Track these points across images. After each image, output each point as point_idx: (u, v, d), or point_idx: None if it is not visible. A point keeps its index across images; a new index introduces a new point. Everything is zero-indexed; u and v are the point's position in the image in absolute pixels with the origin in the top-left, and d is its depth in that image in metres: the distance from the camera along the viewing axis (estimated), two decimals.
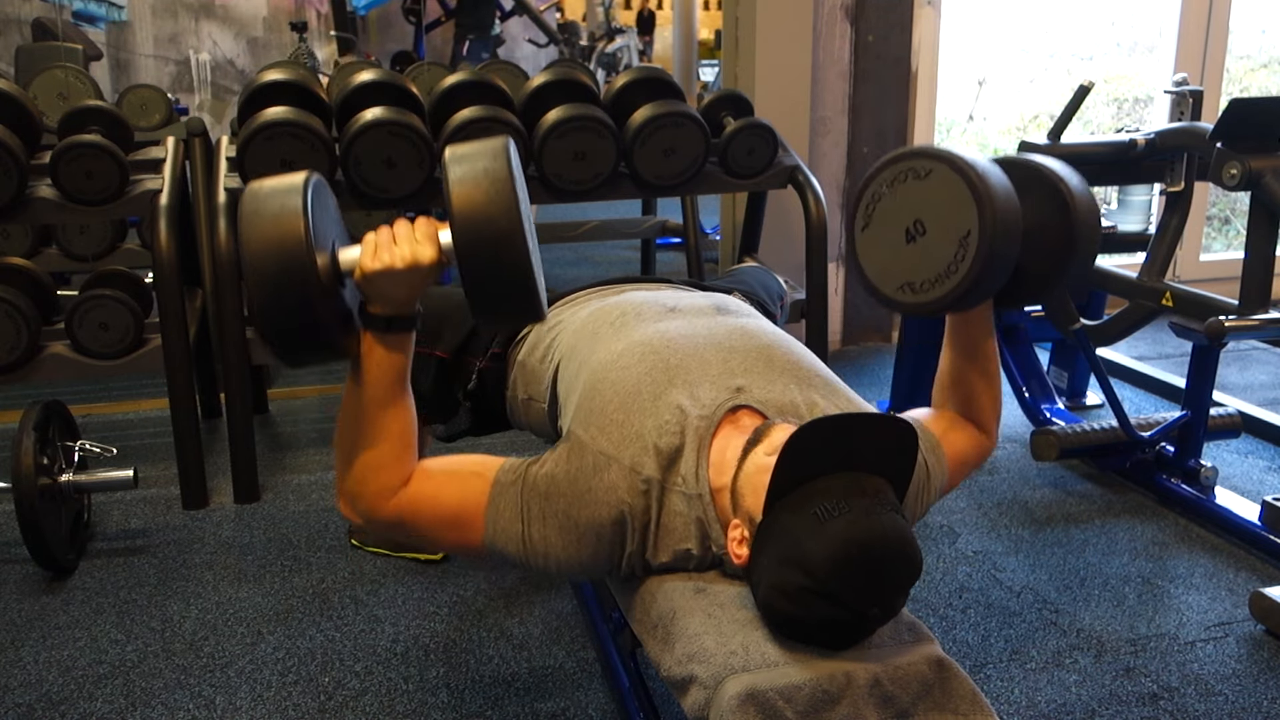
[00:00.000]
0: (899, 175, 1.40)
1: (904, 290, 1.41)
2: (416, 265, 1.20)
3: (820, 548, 1.11)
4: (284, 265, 1.15)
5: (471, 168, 1.18)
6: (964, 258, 1.33)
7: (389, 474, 1.32)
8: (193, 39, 6.41)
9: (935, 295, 1.37)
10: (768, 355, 1.42)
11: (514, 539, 1.30)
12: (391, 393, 1.30)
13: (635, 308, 1.54)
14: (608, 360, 1.42)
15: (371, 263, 1.21)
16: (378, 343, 1.27)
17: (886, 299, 1.43)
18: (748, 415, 1.34)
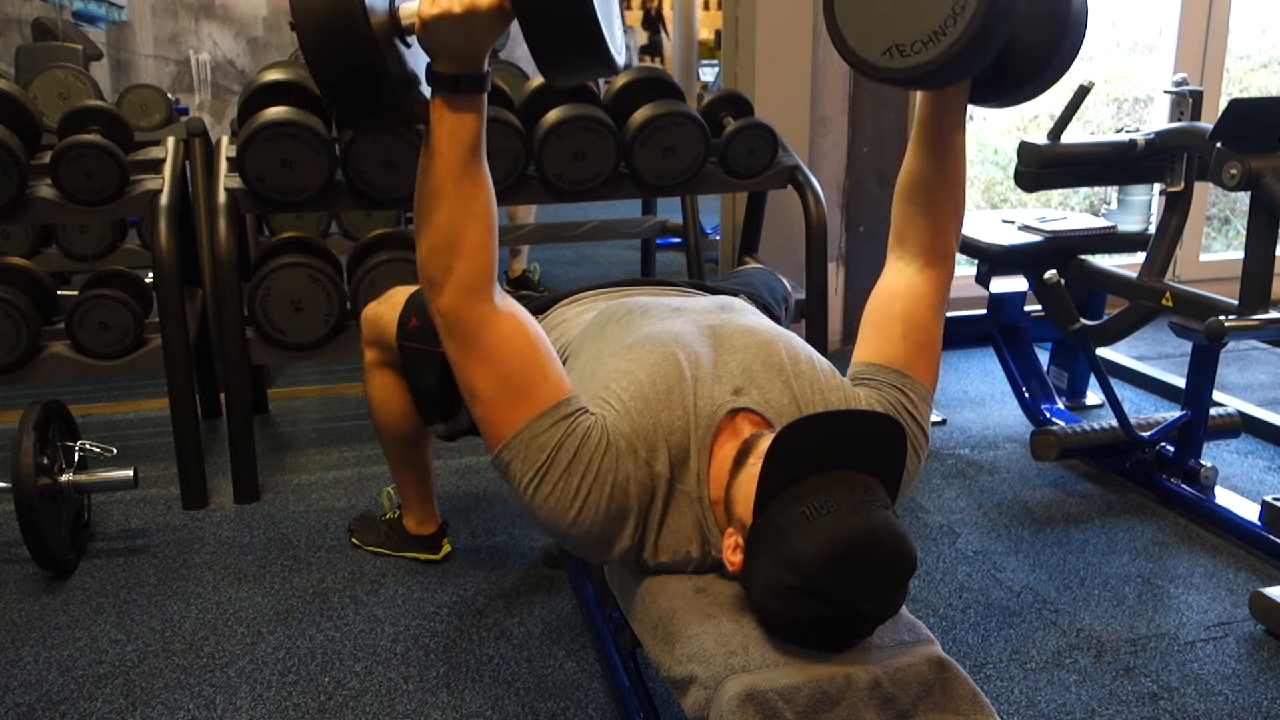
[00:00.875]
0: None
1: (890, 54, 1.26)
2: (475, 8, 1.14)
3: (809, 546, 1.11)
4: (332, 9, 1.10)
5: None
6: (963, 9, 1.19)
7: (473, 261, 1.26)
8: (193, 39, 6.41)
9: (927, 57, 1.23)
10: (766, 354, 1.41)
11: (530, 467, 1.27)
12: (467, 163, 1.25)
13: (641, 307, 1.54)
14: (619, 351, 1.42)
15: (429, 8, 1.15)
16: (447, 106, 1.22)
17: (870, 66, 1.28)
18: (746, 419, 1.34)
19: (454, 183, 1.25)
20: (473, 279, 1.28)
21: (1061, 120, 2.51)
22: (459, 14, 1.15)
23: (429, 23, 1.16)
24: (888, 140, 3.57)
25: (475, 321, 1.29)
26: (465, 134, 1.24)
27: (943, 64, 1.23)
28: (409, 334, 1.85)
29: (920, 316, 1.46)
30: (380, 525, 2.26)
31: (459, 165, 1.25)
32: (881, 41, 1.27)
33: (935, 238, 1.47)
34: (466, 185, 1.26)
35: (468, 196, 1.26)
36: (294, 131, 2.37)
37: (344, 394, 3.20)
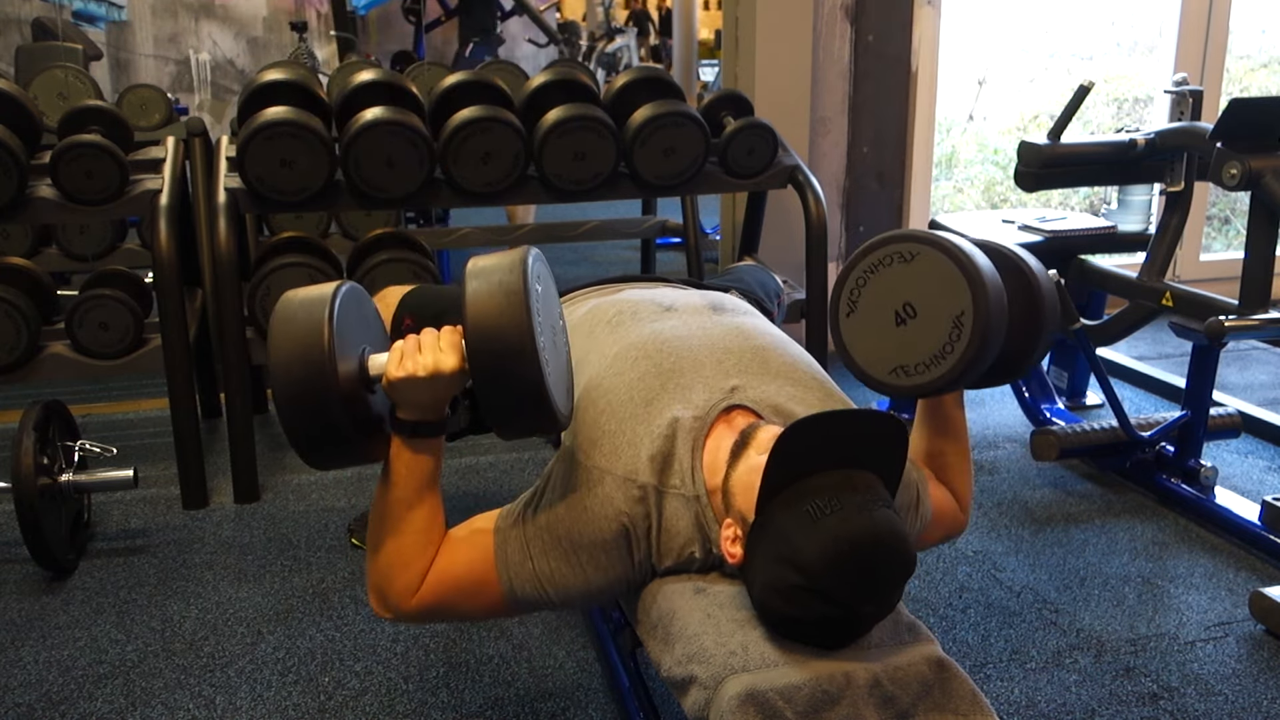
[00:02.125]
0: (884, 259, 1.41)
1: (897, 374, 1.41)
2: (439, 374, 1.23)
3: (812, 545, 1.12)
4: (307, 374, 1.19)
5: (487, 281, 1.21)
6: (959, 338, 1.34)
7: (413, 571, 1.33)
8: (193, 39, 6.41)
9: (931, 377, 1.38)
10: (762, 355, 1.42)
11: (529, 578, 1.31)
12: (419, 494, 1.32)
13: (631, 307, 1.54)
14: (601, 367, 1.43)
15: (396, 371, 1.24)
16: (405, 446, 1.30)
17: (879, 383, 1.44)
18: (741, 415, 1.35)
19: (408, 511, 1.32)
20: (411, 585, 1.34)
21: (1061, 120, 2.52)
22: (423, 378, 1.23)
23: (395, 383, 1.24)
24: (888, 140, 3.57)
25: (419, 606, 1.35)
26: (421, 471, 1.31)
27: (945, 382, 1.38)
28: (403, 334, 1.85)
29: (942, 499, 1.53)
30: None
31: (414, 496, 1.32)
32: (888, 363, 1.42)
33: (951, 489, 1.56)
34: (418, 511, 1.33)
35: (416, 520, 1.33)
36: (294, 131, 2.37)
37: None
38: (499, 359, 1.18)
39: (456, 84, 2.59)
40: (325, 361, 1.19)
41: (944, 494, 1.54)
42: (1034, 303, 1.47)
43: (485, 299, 1.19)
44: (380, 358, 1.28)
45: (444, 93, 2.59)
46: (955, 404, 1.54)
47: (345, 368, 1.23)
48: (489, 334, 1.18)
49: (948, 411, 1.53)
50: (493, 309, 1.19)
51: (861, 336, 1.45)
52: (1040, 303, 1.47)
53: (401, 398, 1.27)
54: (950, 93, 4.07)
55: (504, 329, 1.18)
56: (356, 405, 1.25)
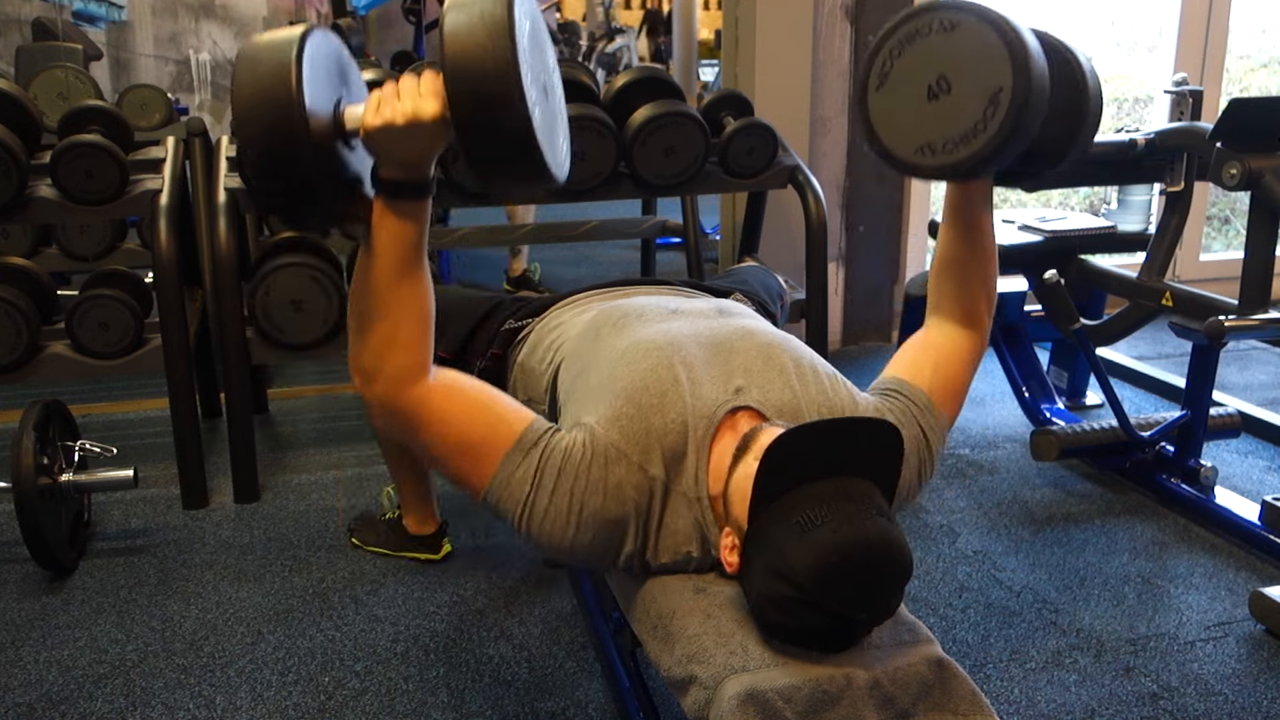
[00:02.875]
0: (922, 28, 1.31)
1: (923, 152, 1.32)
2: (418, 120, 1.14)
3: (804, 558, 1.11)
4: (273, 120, 1.09)
5: (468, 12, 1.09)
6: (994, 115, 1.24)
7: (407, 355, 1.26)
8: (193, 39, 6.41)
9: (960, 156, 1.28)
10: (767, 355, 1.41)
11: (517, 500, 1.26)
12: (406, 266, 1.24)
13: (638, 310, 1.54)
14: (613, 356, 1.41)
15: (373, 118, 1.15)
16: (389, 209, 1.21)
17: (903, 163, 1.35)
18: (746, 416, 1.34)
19: (393, 283, 1.24)
20: (407, 370, 1.27)
21: None
22: (401, 125, 1.14)
23: (372, 132, 1.16)
24: None
25: (411, 405, 1.28)
26: (407, 238, 1.23)
27: (974, 163, 1.28)
28: None
29: (951, 363, 1.50)
30: (380, 525, 2.26)
31: (398, 267, 1.24)
32: (914, 140, 1.33)
33: (969, 308, 1.52)
34: (406, 287, 1.25)
35: (406, 297, 1.25)
36: None
37: (344, 394, 3.20)
38: (480, 95, 1.08)
39: None
40: (293, 104, 1.09)
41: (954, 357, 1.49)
42: (1077, 92, 1.38)
43: (465, 31, 1.08)
44: (357, 108, 1.18)
45: None
46: (982, 204, 1.46)
47: (318, 118, 1.12)
48: (469, 68, 1.08)
49: (976, 211, 1.46)
50: (472, 42, 1.08)
51: (889, 112, 1.35)
52: (1084, 93, 1.38)
53: (381, 151, 1.18)
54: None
55: (484, 61, 1.07)
56: (332, 159, 1.16)
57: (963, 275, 1.51)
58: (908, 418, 1.42)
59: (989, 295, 1.53)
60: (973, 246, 1.49)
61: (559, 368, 1.57)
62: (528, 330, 1.75)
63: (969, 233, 1.48)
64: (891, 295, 3.72)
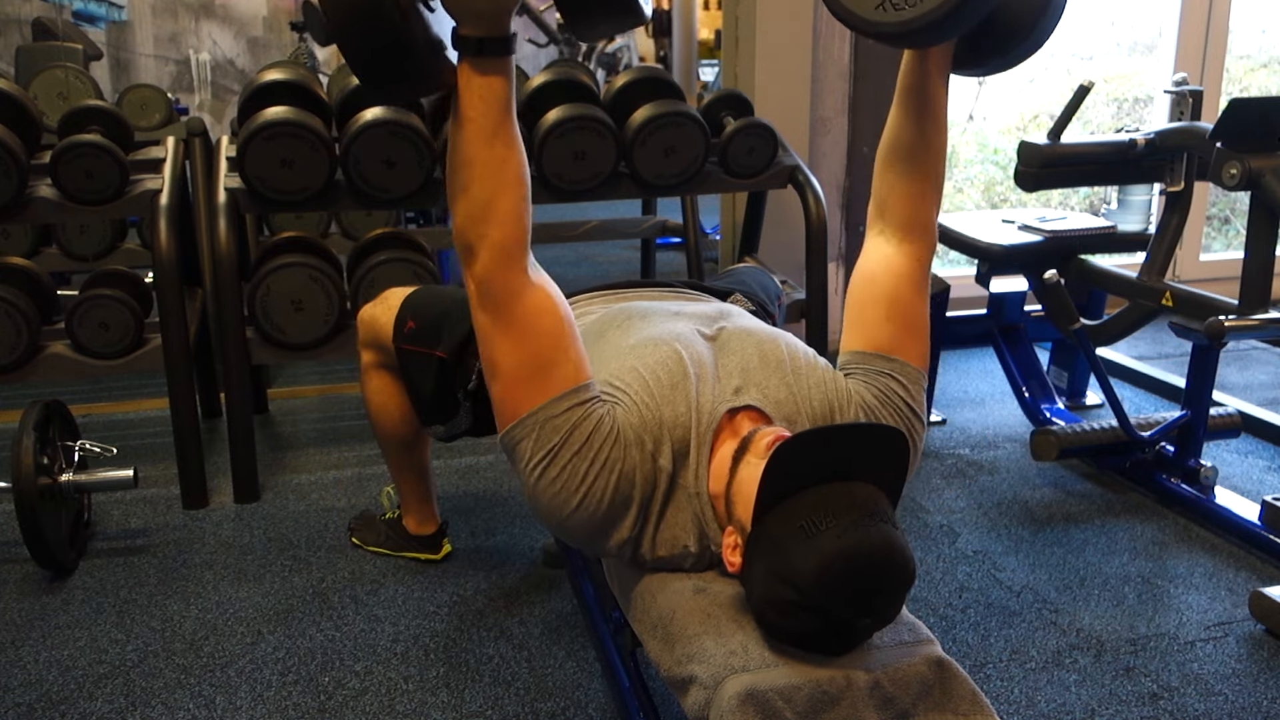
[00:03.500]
0: None
1: (883, 8, 1.24)
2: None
3: (807, 563, 1.11)
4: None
5: None
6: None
7: (507, 228, 1.25)
8: (193, 39, 6.41)
9: (921, 10, 1.21)
10: (763, 352, 1.42)
11: (541, 446, 1.26)
12: (498, 127, 1.24)
13: (641, 312, 1.54)
14: (621, 351, 1.42)
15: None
16: (474, 70, 1.21)
17: (862, 21, 1.27)
18: (746, 417, 1.34)
19: (486, 148, 1.24)
20: (508, 246, 1.26)
21: (1061, 120, 2.52)
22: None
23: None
24: None
25: (509, 291, 1.28)
26: (494, 97, 1.23)
27: (935, 19, 1.21)
28: (405, 336, 1.85)
29: (903, 295, 1.45)
30: (380, 525, 2.26)
31: (490, 129, 1.24)
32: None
33: (914, 207, 1.46)
34: (499, 149, 1.25)
35: (500, 161, 1.25)
36: (294, 131, 2.37)
37: (344, 394, 3.20)
38: None
39: None
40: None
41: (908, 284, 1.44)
42: None
43: None
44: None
45: None
46: (939, 78, 1.40)
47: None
48: None
49: (930, 86, 1.40)
50: None
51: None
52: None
53: (461, 4, 1.18)
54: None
55: None
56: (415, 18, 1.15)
57: (911, 168, 1.44)
58: (888, 394, 1.40)
59: (938, 194, 1.46)
60: (925, 133, 1.42)
61: None
62: None
63: (922, 116, 1.41)
64: None
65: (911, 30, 1.24)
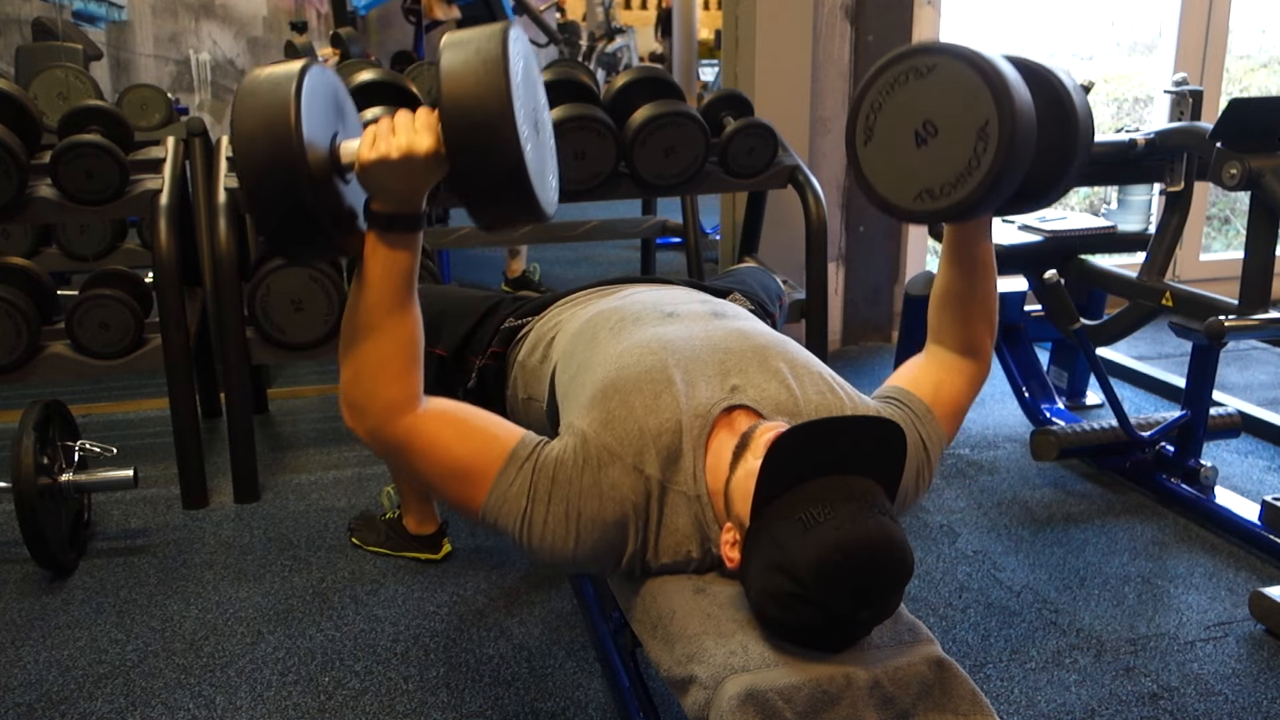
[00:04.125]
0: (898, 77, 1.31)
1: (922, 198, 1.31)
2: (412, 154, 1.16)
3: (806, 555, 1.11)
4: (272, 152, 1.12)
5: (464, 50, 1.12)
6: (985, 150, 1.24)
7: (396, 387, 1.28)
8: (193, 39, 6.40)
9: (959, 196, 1.27)
10: (763, 355, 1.42)
11: (514, 515, 1.27)
12: (396, 298, 1.26)
13: (634, 313, 1.54)
14: (607, 359, 1.42)
15: (368, 153, 1.17)
16: (381, 241, 1.23)
17: (904, 211, 1.34)
18: (743, 415, 1.34)
19: (384, 315, 1.26)
20: (397, 402, 1.29)
21: None
22: (396, 160, 1.16)
23: (367, 167, 1.18)
24: None
25: (403, 435, 1.29)
26: (399, 270, 1.25)
27: (973, 203, 1.27)
28: None
29: (954, 387, 1.50)
30: (380, 525, 2.27)
31: (390, 299, 1.26)
32: (912, 188, 1.32)
33: (970, 340, 1.52)
34: (396, 317, 1.27)
35: (395, 327, 1.27)
36: None
37: None
38: (474, 130, 1.11)
39: None
40: (292, 136, 1.11)
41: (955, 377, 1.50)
42: (1065, 116, 1.37)
43: (461, 68, 1.11)
44: (353, 143, 1.20)
45: None
46: (982, 236, 1.45)
47: (315, 152, 1.15)
48: (464, 103, 1.11)
49: (975, 246, 1.45)
50: (468, 77, 1.11)
51: (881, 163, 1.35)
52: (1073, 115, 1.37)
53: (375, 184, 1.20)
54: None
55: (480, 97, 1.10)
56: (328, 192, 1.18)
57: (963, 309, 1.50)
58: (908, 424, 1.42)
59: (990, 326, 1.52)
60: (973, 281, 1.48)
61: (555, 366, 1.58)
62: (527, 329, 1.75)
63: (970, 267, 1.47)
64: (891, 295, 3.72)
65: (950, 215, 1.31)
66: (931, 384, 1.50)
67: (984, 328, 1.51)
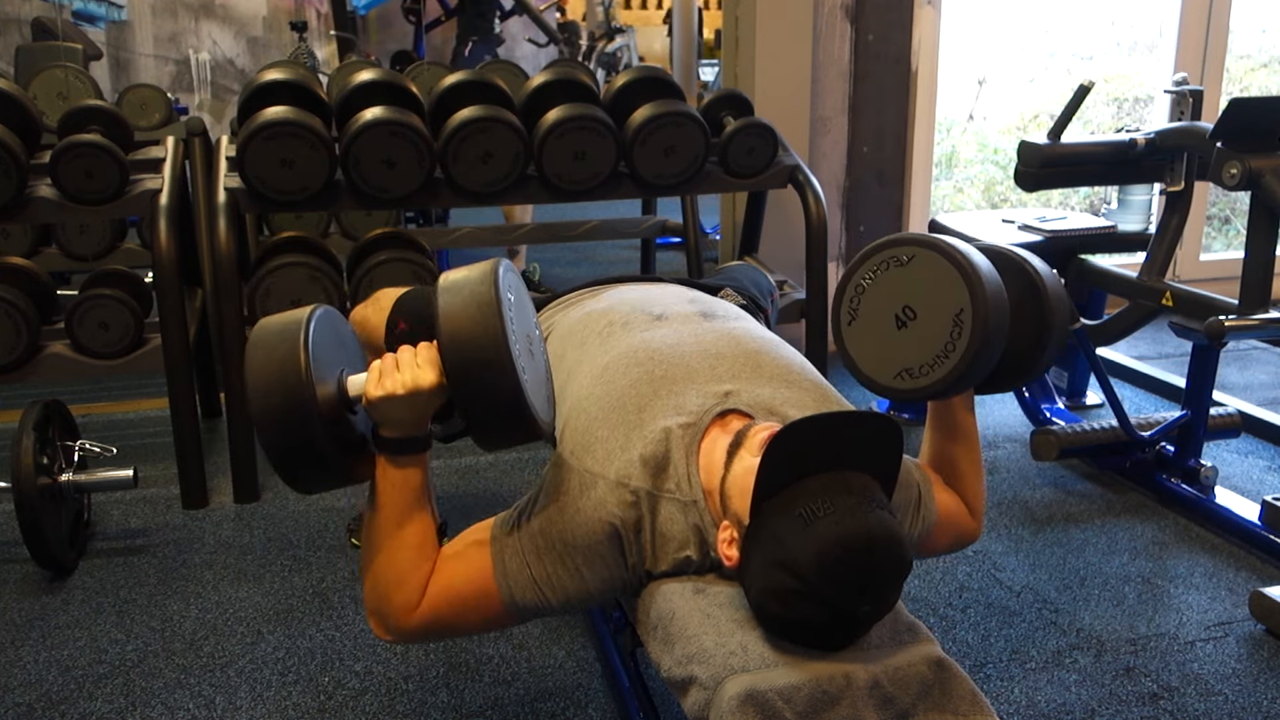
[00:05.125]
0: (881, 265, 1.43)
1: (902, 377, 1.41)
2: (418, 390, 1.22)
3: (806, 550, 1.11)
4: (286, 400, 1.19)
5: (459, 294, 1.21)
6: (960, 335, 1.35)
7: (408, 586, 1.32)
8: (193, 39, 6.41)
9: (936, 377, 1.38)
10: (755, 359, 1.42)
11: (528, 586, 1.30)
12: (408, 510, 1.31)
13: (623, 317, 1.54)
14: (593, 377, 1.43)
15: (375, 390, 1.23)
16: (390, 464, 1.29)
17: (885, 388, 1.44)
18: (736, 418, 1.34)
19: (397, 529, 1.31)
20: (411, 601, 1.33)
21: (1061, 120, 2.52)
22: (402, 395, 1.22)
23: (375, 402, 1.23)
24: (887, 140, 3.57)
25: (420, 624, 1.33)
26: (408, 487, 1.30)
27: (950, 383, 1.37)
28: (398, 338, 1.85)
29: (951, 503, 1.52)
30: None
31: (402, 514, 1.31)
32: (892, 368, 1.42)
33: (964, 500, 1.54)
34: (411, 530, 1.31)
35: (409, 537, 1.31)
36: (294, 131, 2.37)
37: None
38: (475, 370, 1.19)
39: (456, 84, 2.59)
40: (304, 386, 1.19)
41: (954, 499, 1.52)
42: (1040, 301, 1.48)
43: (458, 312, 1.20)
44: (359, 378, 1.28)
45: (444, 93, 2.59)
46: (965, 408, 1.52)
47: (324, 390, 1.23)
48: (464, 346, 1.19)
49: (957, 416, 1.52)
50: (465, 321, 1.19)
51: (864, 343, 1.45)
52: (1046, 301, 1.47)
53: (383, 416, 1.26)
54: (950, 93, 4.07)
55: (478, 339, 1.18)
56: (339, 427, 1.26)
57: (952, 472, 1.53)
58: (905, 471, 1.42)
59: (981, 495, 1.56)
60: (955, 449, 1.53)
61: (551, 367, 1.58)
62: None
63: (953, 435, 1.53)
64: None
65: (928, 395, 1.40)
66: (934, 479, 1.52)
67: (975, 492, 1.55)
